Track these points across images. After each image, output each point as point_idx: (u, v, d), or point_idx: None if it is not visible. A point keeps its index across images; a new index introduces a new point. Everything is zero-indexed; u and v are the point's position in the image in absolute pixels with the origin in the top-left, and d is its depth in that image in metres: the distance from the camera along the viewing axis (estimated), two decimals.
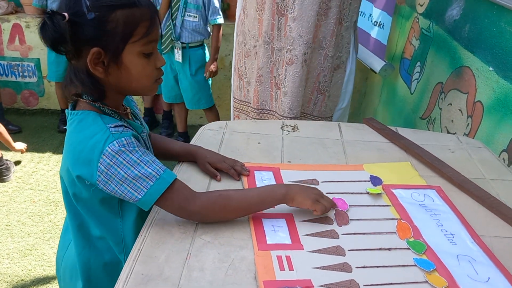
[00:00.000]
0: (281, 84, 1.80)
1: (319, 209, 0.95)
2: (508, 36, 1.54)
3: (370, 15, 2.78)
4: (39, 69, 3.84)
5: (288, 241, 0.91)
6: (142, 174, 0.86)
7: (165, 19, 3.02)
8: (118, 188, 0.86)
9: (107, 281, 1.01)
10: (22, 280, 2.14)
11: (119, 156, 0.85)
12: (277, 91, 1.83)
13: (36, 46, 3.74)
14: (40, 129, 3.70)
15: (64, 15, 0.82)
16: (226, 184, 1.09)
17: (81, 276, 1.02)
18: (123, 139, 0.86)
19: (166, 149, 1.16)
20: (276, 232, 0.93)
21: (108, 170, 0.85)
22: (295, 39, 1.71)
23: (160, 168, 0.88)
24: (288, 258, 0.86)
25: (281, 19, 1.72)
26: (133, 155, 0.86)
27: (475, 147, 1.38)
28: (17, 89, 3.93)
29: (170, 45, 3.06)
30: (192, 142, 1.27)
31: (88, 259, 1.01)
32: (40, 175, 3.02)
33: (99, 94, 0.91)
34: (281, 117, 1.83)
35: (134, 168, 0.86)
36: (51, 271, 2.20)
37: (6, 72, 3.85)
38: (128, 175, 0.85)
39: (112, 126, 0.88)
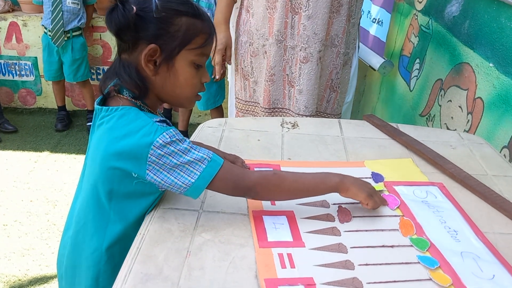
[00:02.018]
0: (295, 82, 1.79)
1: (372, 204, 0.96)
2: (508, 31, 1.53)
3: (369, 12, 2.77)
4: (37, 68, 3.82)
5: (289, 238, 0.89)
6: (194, 158, 0.87)
7: None
8: (171, 175, 0.87)
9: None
10: (19, 280, 2.13)
11: (170, 145, 0.86)
12: (290, 89, 1.83)
13: (33, 44, 3.71)
14: (37, 128, 3.67)
15: (132, 7, 0.86)
16: None
17: (89, 276, 1.01)
18: (171, 130, 0.87)
19: None
20: (277, 229, 0.92)
21: (159, 160, 0.86)
22: (310, 37, 1.71)
23: (208, 152, 0.89)
24: (289, 255, 0.85)
25: (294, 17, 1.72)
26: (182, 143, 0.87)
27: (476, 143, 1.37)
28: (14, 88, 3.91)
29: None
30: (191, 140, 1.26)
31: (99, 260, 0.99)
32: (37, 174, 3.00)
33: (144, 92, 0.93)
34: (296, 115, 1.83)
35: (186, 155, 0.87)
36: (49, 270, 2.18)
37: (3, 71, 3.83)
38: (181, 162, 0.86)
39: (157, 120, 0.89)
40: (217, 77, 1.92)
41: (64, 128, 3.64)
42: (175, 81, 0.94)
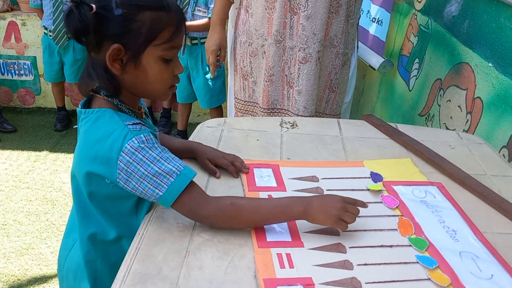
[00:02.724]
0: (294, 83, 1.80)
1: (342, 228, 0.90)
2: (507, 31, 1.53)
3: (368, 11, 2.77)
4: (36, 67, 3.81)
5: (288, 238, 0.89)
6: (163, 170, 0.85)
7: None
8: (139, 186, 0.85)
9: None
10: (18, 279, 2.13)
11: (139, 153, 0.84)
12: (289, 90, 1.83)
13: (32, 44, 3.71)
14: (36, 127, 3.67)
15: (91, 6, 0.82)
16: (225, 181, 1.08)
17: (87, 277, 1.01)
18: (142, 135, 0.85)
19: (165, 146, 1.14)
20: (276, 229, 0.92)
21: (128, 167, 0.84)
22: (309, 37, 1.71)
23: (180, 164, 0.87)
24: (288, 255, 0.85)
25: (293, 17, 1.72)
26: (152, 151, 0.85)
27: (475, 143, 1.37)
28: (13, 88, 3.90)
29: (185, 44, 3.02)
30: (190, 139, 1.26)
31: (95, 260, 1.00)
32: (36, 173, 2.99)
33: (115, 89, 0.91)
34: (295, 115, 1.83)
35: (154, 165, 0.84)
36: (48, 270, 2.18)
37: (2, 70, 3.82)
38: (149, 172, 0.84)
39: (130, 123, 0.87)
40: (211, 76, 1.99)
41: (64, 128, 3.64)
42: (144, 78, 0.90)
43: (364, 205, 0.94)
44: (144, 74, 0.90)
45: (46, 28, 3.34)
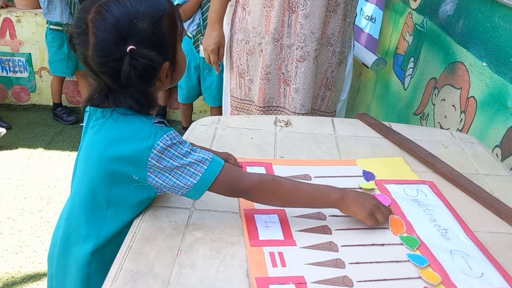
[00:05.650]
0: (291, 81, 1.80)
1: (371, 223, 0.92)
2: (501, 31, 1.54)
3: (361, 9, 2.78)
4: (30, 64, 3.80)
5: (280, 237, 0.90)
6: (195, 159, 0.86)
7: (197, 17, 2.99)
8: (172, 176, 0.86)
9: None
10: (12, 277, 2.12)
11: (171, 148, 0.85)
12: (286, 88, 1.84)
13: (27, 40, 3.69)
14: (31, 125, 3.65)
15: (132, 48, 0.80)
16: None
17: (80, 277, 0.99)
18: (171, 132, 0.86)
19: None
20: (269, 228, 0.92)
21: (160, 163, 0.84)
22: (307, 35, 1.72)
23: (209, 153, 0.88)
24: (280, 254, 0.85)
25: (291, 15, 1.72)
26: (183, 146, 0.86)
27: (468, 143, 1.38)
28: (8, 85, 3.89)
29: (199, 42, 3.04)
30: (184, 138, 1.25)
31: (91, 261, 0.98)
32: (31, 171, 2.99)
33: (152, 108, 0.91)
34: (292, 113, 1.84)
35: (187, 157, 0.86)
36: (42, 267, 2.18)
37: None
38: (181, 164, 0.85)
39: (156, 122, 0.88)
40: (217, 72, 2.03)
41: (73, 118, 3.67)
42: (180, 72, 0.94)
43: (390, 212, 0.98)
44: (180, 69, 0.93)
45: (62, 24, 3.33)
